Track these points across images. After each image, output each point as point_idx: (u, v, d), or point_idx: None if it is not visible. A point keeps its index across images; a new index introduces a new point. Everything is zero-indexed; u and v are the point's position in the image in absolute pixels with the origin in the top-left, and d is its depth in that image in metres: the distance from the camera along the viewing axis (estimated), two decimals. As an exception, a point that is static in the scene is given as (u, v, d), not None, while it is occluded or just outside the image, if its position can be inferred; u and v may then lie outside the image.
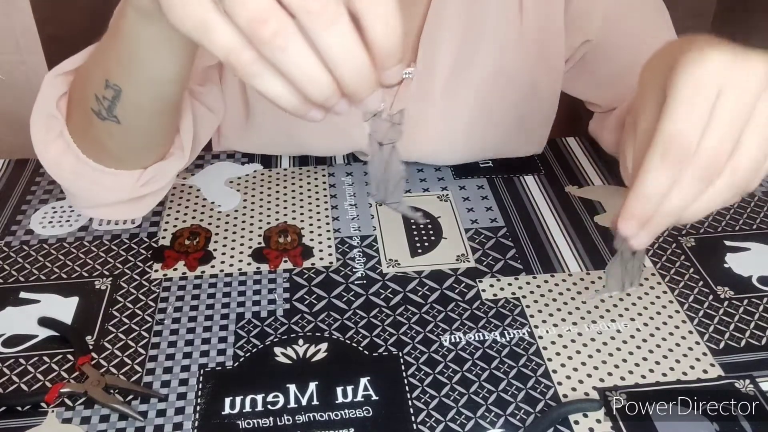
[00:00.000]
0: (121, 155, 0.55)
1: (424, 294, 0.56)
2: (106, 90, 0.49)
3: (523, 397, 0.47)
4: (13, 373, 0.49)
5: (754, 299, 0.55)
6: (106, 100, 0.50)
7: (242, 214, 0.64)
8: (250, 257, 0.59)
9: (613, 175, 0.70)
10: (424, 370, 0.49)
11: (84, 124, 0.53)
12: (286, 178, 0.69)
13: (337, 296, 0.55)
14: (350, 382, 0.48)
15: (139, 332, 0.52)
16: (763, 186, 0.68)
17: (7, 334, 0.52)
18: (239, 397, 0.47)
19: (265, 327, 0.52)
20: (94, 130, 0.53)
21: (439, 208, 0.65)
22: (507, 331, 0.52)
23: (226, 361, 0.50)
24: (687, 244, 0.61)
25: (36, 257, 0.59)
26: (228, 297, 0.55)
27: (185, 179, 0.69)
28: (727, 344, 0.51)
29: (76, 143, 0.55)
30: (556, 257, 0.59)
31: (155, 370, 0.49)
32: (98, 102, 0.50)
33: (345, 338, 0.52)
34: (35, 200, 0.66)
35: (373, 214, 0.64)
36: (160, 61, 0.46)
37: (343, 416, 0.46)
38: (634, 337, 0.52)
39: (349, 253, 0.60)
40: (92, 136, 0.54)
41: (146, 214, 0.61)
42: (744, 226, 0.63)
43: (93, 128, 0.52)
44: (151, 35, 0.44)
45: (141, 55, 0.46)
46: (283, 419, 0.46)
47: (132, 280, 0.57)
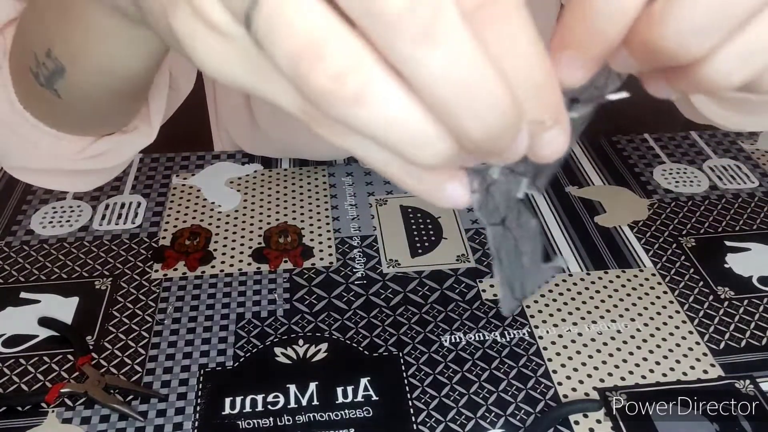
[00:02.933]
0: (62, 122, 0.45)
1: (424, 294, 0.56)
2: (47, 59, 0.39)
3: (524, 398, 0.47)
4: (13, 373, 0.49)
5: (755, 299, 0.55)
6: (46, 68, 0.39)
7: (242, 214, 0.64)
8: (250, 257, 0.59)
9: (614, 175, 0.70)
10: (425, 370, 0.49)
11: (21, 71, 0.42)
12: (286, 178, 0.69)
13: (337, 296, 0.55)
14: (350, 382, 0.48)
15: (139, 332, 0.52)
16: (764, 186, 0.68)
17: (8, 334, 0.52)
18: (239, 397, 0.47)
19: (265, 327, 0.52)
20: (31, 88, 0.42)
21: (440, 208, 0.65)
22: (507, 331, 0.52)
23: (226, 361, 0.50)
24: (687, 244, 0.61)
25: (36, 257, 0.59)
26: (228, 297, 0.55)
27: (185, 179, 0.69)
28: (727, 344, 0.51)
29: (15, 88, 0.44)
30: (556, 257, 0.59)
31: (155, 370, 0.49)
32: (38, 64, 0.40)
33: (345, 338, 0.52)
34: (35, 200, 0.66)
35: (373, 214, 0.64)
36: (121, 57, 0.37)
37: (344, 416, 0.46)
38: (635, 337, 0.52)
39: (350, 254, 0.60)
40: (30, 90, 0.43)
41: (147, 215, 0.60)
42: (744, 226, 0.63)
43: (30, 85, 0.42)
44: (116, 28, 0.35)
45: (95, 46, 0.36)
46: (284, 419, 0.46)
47: (132, 280, 0.57)
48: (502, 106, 0.19)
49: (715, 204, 0.66)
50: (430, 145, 0.20)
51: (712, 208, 0.65)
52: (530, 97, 0.20)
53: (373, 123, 0.19)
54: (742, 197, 0.66)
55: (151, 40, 0.36)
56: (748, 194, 0.67)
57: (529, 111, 0.20)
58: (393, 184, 0.24)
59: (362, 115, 0.19)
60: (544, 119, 0.21)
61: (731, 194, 0.67)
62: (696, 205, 0.65)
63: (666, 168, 0.71)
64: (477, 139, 0.20)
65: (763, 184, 0.68)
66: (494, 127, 0.19)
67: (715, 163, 0.71)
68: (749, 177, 0.69)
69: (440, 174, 0.23)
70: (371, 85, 0.19)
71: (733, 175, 0.69)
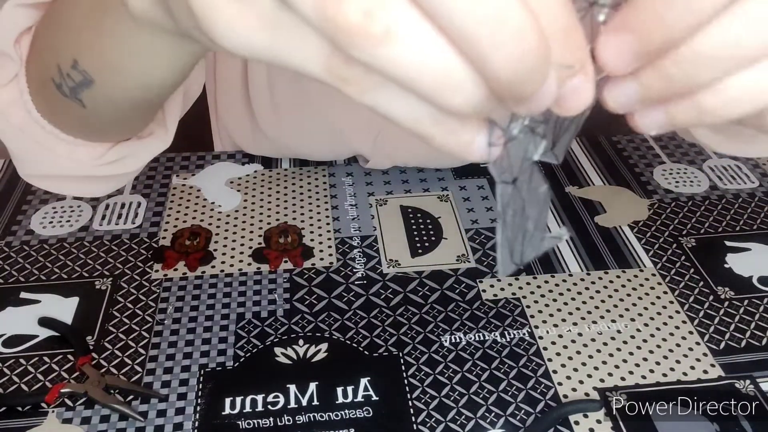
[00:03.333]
0: (82, 129, 0.46)
1: (424, 294, 0.56)
2: (73, 70, 0.38)
3: (524, 398, 0.47)
4: (13, 373, 0.49)
5: (755, 300, 0.55)
6: (71, 80, 0.39)
7: (242, 215, 0.64)
8: (250, 257, 0.59)
9: (614, 175, 0.70)
10: (425, 370, 0.49)
11: (41, 81, 0.43)
12: (286, 179, 0.69)
13: (337, 296, 0.55)
14: (350, 382, 0.48)
15: (139, 332, 0.52)
16: (764, 186, 0.68)
17: (8, 334, 0.52)
18: (239, 398, 0.47)
19: (265, 327, 0.52)
20: (51, 97, 0.42)
21: (440, 208, 0.65)
22: (507, 331, 0.52)
23: (226, 361, 0.50)
24: (687, 244, 0.61)
25: (36, 257, 0.59)
26: (228, 297, 0.55)
27: (185, 179, 0.69)
28: (727, 345, 0.51)
29: (31, 96, 0.44)
30: (556, 257, 0.59)
31: (155, 370, 0.49)
32: (61, 76, 0.39)
33: (345, 338, 0.52)
34: (35, 200, 0.66)
35: (373, 214, 0.64)
36: (154, 69, 0.37)
37: (344, 416, 0.46)
38: (635, 337, 0.52)
39: (350, 254, 0.60)
40: (49, 99, 0.43)
41: (147, 215, 0.61)
42: (744, 226, 0.63)
43: (51, 95, 0.42)
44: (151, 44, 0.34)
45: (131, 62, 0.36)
46: (284, 419, 0.46)
47: (132, 281, 0.57)
48: (530, 42, 0.19)
49: (715, 204, 0.66)
50: (460, 88, 0.20)
51: (713, 208, 0.65)
52: (557, 39, 0.20)
53: (402, 63, 0.19)
54: (743, 197, 0.66)
55: (183, 53, 0.35)
56: (749, 194, 0.67)
57: (556, 54, 0.20)
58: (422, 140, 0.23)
59: (392, 54, 0.19)
60: (572, 63, 0.21)
61: (731, 194, 0.67)
62: (696, 205, 0.65)
63: (666, 168, 0.71)
64: (506, 78, 0.19)
65: (763, 184, 0.68)
66: (523, 65, 0.19)
67: (716, 163, 0.71)
68: (749, 177, 0.69)
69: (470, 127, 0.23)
70: (399, 21, 0.18)
71: (733, 175, 0.69)
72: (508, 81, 0.19)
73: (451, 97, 0.20)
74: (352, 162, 0.72)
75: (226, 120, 0.74)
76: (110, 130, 0.46)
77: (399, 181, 0.69)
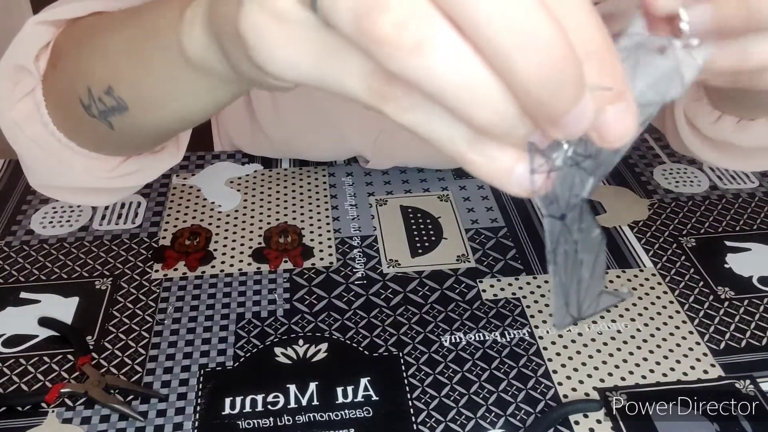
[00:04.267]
0: (101, 145, 0.46)
1: (424, 294, 0.56)
2: (106, 96, 0.39)
3: (524, 398, 0.47)
4: (13, 373, 0.49)
5: (755, 300, 0.55)
6: (102, 103, 0.39)
7: (242, 214, 0.64)
8: (250, 257, 0.59)
9: (614, 175, 0.70)
10: (425, 370, 0.49)
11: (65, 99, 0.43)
12: (286, 179, 0.69)
13: (337, 296, 0.55)
14: (350, 382, 0.48)
15: (139, 332, 0.52)
16: (764, 186, 0.68)
17: (8, 334, 0.52)
18: (239, 397, 0.47)
19: (265, 327, 0.52)
20: (74, 114, 0.42)
21: (440, 208, 0.65)
22: (507, 331, 0.52)
23: (226, 361, 0.50)
24: (687, 244, 0.61)
25: (36, 257, 0.59)
26: (228, 297, 0.55)
27: (185, 179, 0.69)
28: (727, 344, 0.51)
29: (48, 110, 0.44)
30: (556, 257, 0.59)
31: (155, 370, 0.49)
32: (91, 99, 0.40)
33: (345, 338, 0.52)
34: (35, 200, 0.66)
35: (373, 214, 0.64)
36: (195, 107, 0.37)
37: (344, 416, 0.46)
38: (635, 337, 0.52)
39: (350, 254, 0.60)
40: (71, 116, 0.43)
41: (147, 215, 0.61)
42: (744, 226, 0.63)
43: (74, 112, 0.42)
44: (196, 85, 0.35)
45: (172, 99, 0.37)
46: (284, 419, 0.45)
47: (132, 280, 0.57)
48: (558, 52, 0.19)
49: (715, 204, 0.66)
50: (487, 100, 0.20)
51: (713, 208, 0.65)
52: (591, 60, 0.20)
53: (432, 73, 0.19)
54: (743, 197, 0.66)
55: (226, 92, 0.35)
56: (749, 194, 0.67)
57: (592, 75, 0.20)
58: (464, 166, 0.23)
59: (423, 64, 0.19)
60: (609, 85, 0.20)
61: (731, 194, 0.67)
62: (696, 205, 0.65)
63: (666, 168, 0.71)
64: (534, 89, 0.19)
65: (763, 184, 0.68)
66: (550, 76, 0.19)
67: (716, 163, 0.71)
68: (749, 177, 0.69)
69: (509, 153, 0.22)
70: (430, 32, 0.19)
71: (733, 175, 0.69)
72: (536, 93, 0.19)
73: (479, 109, 0.20)
74: (352, 162, 0.72)
75: (225, 120, 0.74)
76: (129, 148, 0.47)
77: (399, 181, 0.69)
